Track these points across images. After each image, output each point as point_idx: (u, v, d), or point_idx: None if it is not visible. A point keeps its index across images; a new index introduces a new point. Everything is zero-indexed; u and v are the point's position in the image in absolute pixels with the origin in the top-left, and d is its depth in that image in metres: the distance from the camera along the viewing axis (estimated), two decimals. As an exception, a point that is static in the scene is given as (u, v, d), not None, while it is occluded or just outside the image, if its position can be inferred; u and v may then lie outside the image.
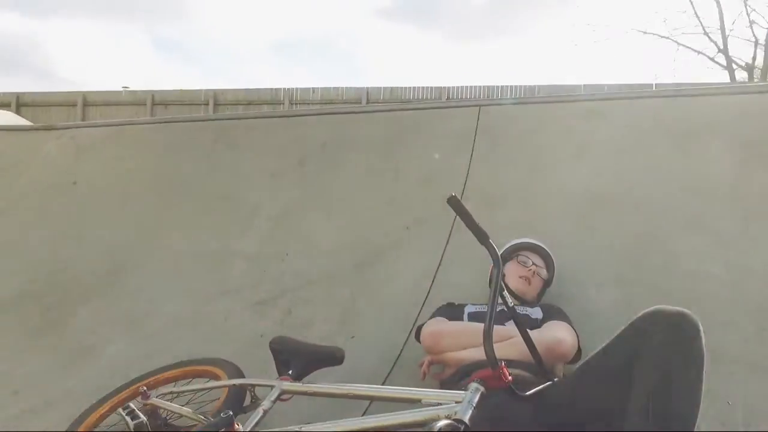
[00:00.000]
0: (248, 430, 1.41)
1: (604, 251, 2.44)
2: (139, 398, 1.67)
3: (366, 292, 2.50)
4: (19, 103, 15.29)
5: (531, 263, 2.10)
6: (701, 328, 1.32)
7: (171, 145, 3.83)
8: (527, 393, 1.37)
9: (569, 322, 1.85)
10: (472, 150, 3.04)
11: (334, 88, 15.62)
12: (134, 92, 15.37)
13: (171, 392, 1.71)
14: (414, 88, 15.71)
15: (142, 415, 1.55)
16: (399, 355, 2.11)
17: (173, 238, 3.18)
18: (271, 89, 15.52)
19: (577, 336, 1.81)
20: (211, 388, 1.68)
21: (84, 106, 15.16)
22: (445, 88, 15.46)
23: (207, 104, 15.35)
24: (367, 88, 15.46)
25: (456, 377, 1.64)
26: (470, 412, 1.24)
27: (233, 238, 3.04)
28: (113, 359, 2.31)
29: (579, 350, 1.78)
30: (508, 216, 2.70)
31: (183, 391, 1.73)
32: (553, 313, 1.91)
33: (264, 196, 3.25)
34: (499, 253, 1.46)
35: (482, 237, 1.47)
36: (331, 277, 2.63)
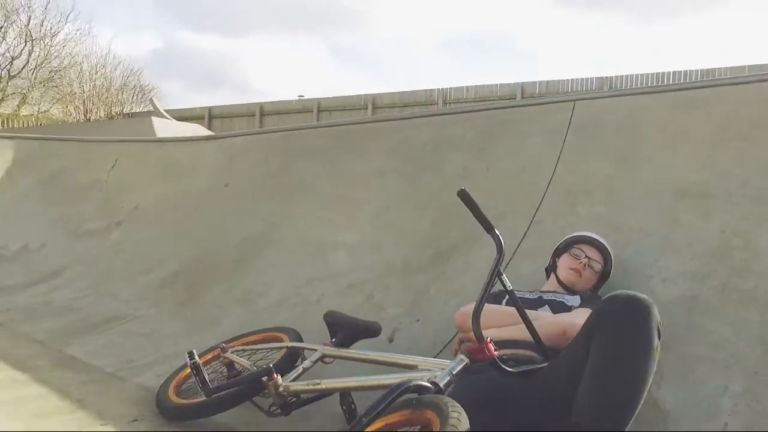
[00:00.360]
0: (286, 382, 1.72)
1: (682, 245, 2.34)
2: (221, 353, 2.09)
3: (439, 281, 2.69)
4: (210, 115, 17.70)
5: (584, 256, 2.13)
6: (654, 312, 1.33)
7: (299, 150, 4.34)
8: (512, 370, 1.48)
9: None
10: (563, 145, 3.05)
11: (487, 85, 15.63)
12: (302, 101, 16.90)
13: (243, 349, 2.10)
14: (572, 80, 15.11)
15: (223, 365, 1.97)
16: (453, 338, 2.27)
17: (292, 231, 3.65)
18: (425, 90, 16.01)
19: None
20: (271, 348, 2.03)
21: (261, 115, 17.05)
22: (607, 78, 14.65)
23: (366, 108, 16.35)
24: (522, 83, 15.22)
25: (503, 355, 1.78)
26: (448, 378, 1.41)
27: (339, 231, 3.41)
28: (228, 327, 2.79)
29: None
30: (590, 209, 2.70)
31: (251, 350, 2.11)
32: (589, 301, 1.94)
33: (370, 194, 3.57)
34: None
35: (488, 227, 1.62)
36: (412, 266, 2.87)
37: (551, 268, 2.22)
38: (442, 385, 1.38)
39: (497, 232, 1.61)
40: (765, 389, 1.69)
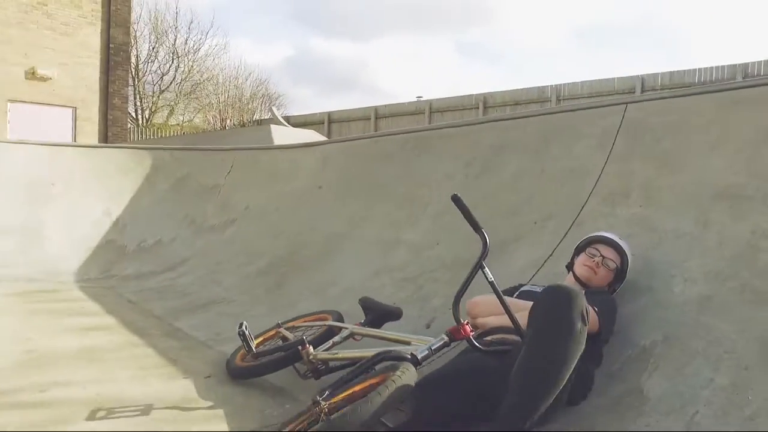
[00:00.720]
0: (315, 351, 2.11)
1: (711, 247, 2.39)
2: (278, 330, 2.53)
3: (480, 276, 2.93)
4: (330, 120, 18.77)
5: (599, 255, 2.29)
6: (577, 301, 1.51)
7: (382, 155, 4.74)
8: (485, 348, 1.74)
9: (599, 308, 2.02)
10: (611, 148, 3.16)
11: (604, 79, 15.04)
12: (414, 103, 17.35)
13: (294, 327, 2.52)
14: (699, 69, 14.06)
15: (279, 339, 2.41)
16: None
17: (367, 229, 4.06)
18: (538, 87, 15.74)
19: (600, 317, 1.99)
20: (314, 326, 2.43)
21: (376, 118, 17.77)
22: (740, 65, 13.46)
23: (477, 108, 16.44)
24: (642, 75, 14.47)
25: (480, 336, 2.04)
26: (426, 352, 1.71)
27: (404, 229, 3.76)
28: (302, 311, 3.24)
29: (600, 330, 1.97)
30: (628, 211, 2.81)
31: (301, 327, 2.52)
32: (590, 295, 2.11)
33: (434, 195, 3.88)
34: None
35: (476, 227, 1.89)
36: (461, 262, 3.13)
37: (570, 266, 2.40)
38: (420, 357, 1.69)
39: (484, 232, 1.86)
40: (750, 384, 1.78)
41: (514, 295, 2.25)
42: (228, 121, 22.69)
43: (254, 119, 22.45)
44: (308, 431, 1.46)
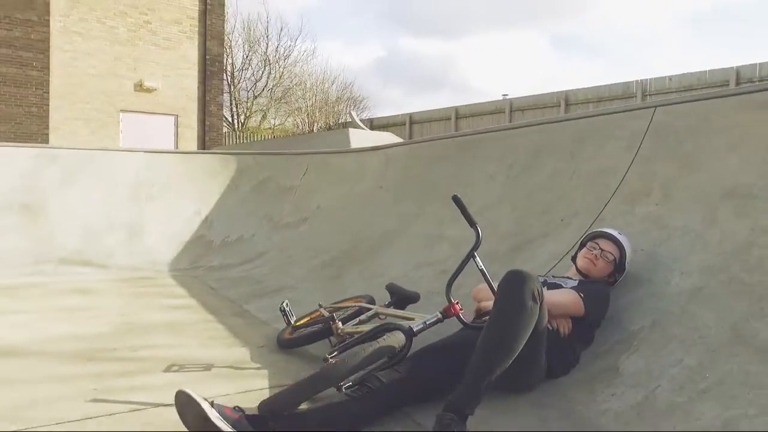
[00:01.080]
0: (343, 327, 2.52)
1: (712, 243, 2.55)
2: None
3: (507, 268, 3.22)
4: (411, 121, 19.21)
5: (598, 248, 2.52)
6: (529, 283, 1.79)
7: (437, 157, 5.09)
8: (469, 323, 2.06)
9: (587, 294, 2.27)
10: (638, 149, 3.33)
11: (695, 72, 14.37)
12: (494, 102, 17.39)
13: (333, 308, 2.94)
14: (803, 59, 13.09)
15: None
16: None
17: (417, 226, 4.43)
18: (623, 83, 15.29)
19: (585, 303, 2.24)
20: (348, 307, 2.83)
21: (456, 118, 17.99)
22: None
23: (558, 106, 16.22)
24: (737, 67, 13.68)
25: (481, 316, 2.35)
26: (421, 326, 2.06)
27: (447, 226, 4.09)
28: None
29: (585, 314, 2.23)
30: (645, 210, 2.99)
31: (338, 308, 2.93)
32: (581, 285, 2.36)
33: (477, 194, 4.18)
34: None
35: (471, 223, 2.21)
36: (492, 255, 3.42)
37: (573, 258, 2.65)
38: (416, 329, 2.05)
39: (478, 227, 2.18)
40: (713, 364, 1.97)
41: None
42: (315, 124, 23.78)
43: (340, 122, 23.35)
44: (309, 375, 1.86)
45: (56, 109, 13.73)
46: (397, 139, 11.41)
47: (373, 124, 20.45)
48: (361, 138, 10.73)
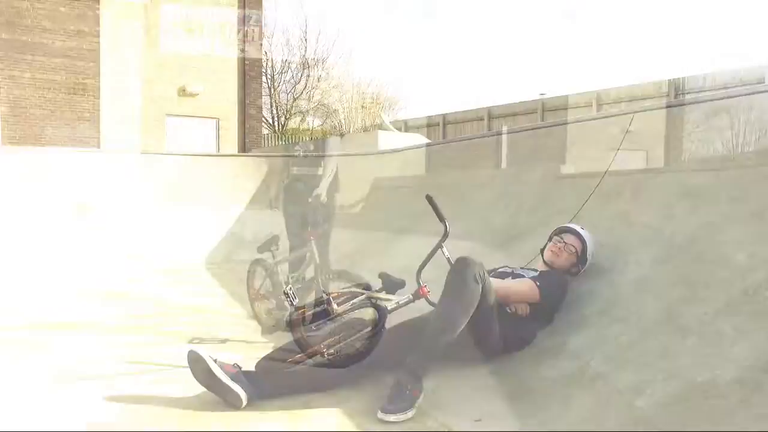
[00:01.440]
0: (338, 308, 2.94)
1: (666, 237, 2.85)
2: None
3: (497, 257, 3.59)
4: (445, 122, 19.50)
5: (562, 242, 2.86)
6: (472, 267, 2.15)
7: (452, 158, 5.47)
8: (434, 303, 2.44)
9: (543, 283, 2.62)
10: (616, 153, 3.64)
11: (728, 71, 14.16)
12: (525, 103, 17.52)
13: (336, 294, 3.37)
14: None
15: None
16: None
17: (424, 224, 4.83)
18: (653, 82, 15.17)
19: (540, 290, 2.59)
20: (346, 292, 3.26)
21: (489, 119, 18.18)
22: None
23: (590, 106, 16.21)
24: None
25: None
26: (394, 305, 2.46)
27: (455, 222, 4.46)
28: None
29: (540, 300, 2.58)
30: (615, 207, 3.31)
31: (339, 293, 3.36)
32: (541, 275, 2.70)
33: (487, 191, 4.54)
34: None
35: (441, 218, 2.59)
36: (489, 246, 3.79)
37: (542, 251, 2.98)
38: (390, 308, 2.45)
39: (446, 223, 2.56)
40: (641, 340, 2.29)
41: (492, 274, 2.89)
42: (352, 125, 24.30)
43: (375, 123, 23.80)
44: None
45: (106, 114, 14.69)
46: (425, 141, 11.77)
47: (408, 125, 20.79)
48: (389, 140, 11.14)
